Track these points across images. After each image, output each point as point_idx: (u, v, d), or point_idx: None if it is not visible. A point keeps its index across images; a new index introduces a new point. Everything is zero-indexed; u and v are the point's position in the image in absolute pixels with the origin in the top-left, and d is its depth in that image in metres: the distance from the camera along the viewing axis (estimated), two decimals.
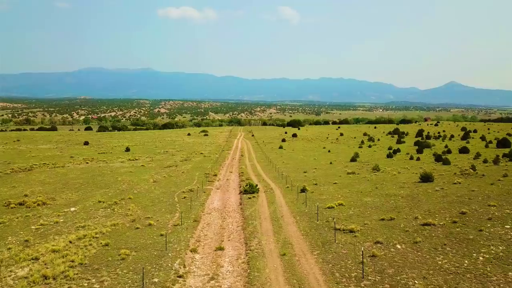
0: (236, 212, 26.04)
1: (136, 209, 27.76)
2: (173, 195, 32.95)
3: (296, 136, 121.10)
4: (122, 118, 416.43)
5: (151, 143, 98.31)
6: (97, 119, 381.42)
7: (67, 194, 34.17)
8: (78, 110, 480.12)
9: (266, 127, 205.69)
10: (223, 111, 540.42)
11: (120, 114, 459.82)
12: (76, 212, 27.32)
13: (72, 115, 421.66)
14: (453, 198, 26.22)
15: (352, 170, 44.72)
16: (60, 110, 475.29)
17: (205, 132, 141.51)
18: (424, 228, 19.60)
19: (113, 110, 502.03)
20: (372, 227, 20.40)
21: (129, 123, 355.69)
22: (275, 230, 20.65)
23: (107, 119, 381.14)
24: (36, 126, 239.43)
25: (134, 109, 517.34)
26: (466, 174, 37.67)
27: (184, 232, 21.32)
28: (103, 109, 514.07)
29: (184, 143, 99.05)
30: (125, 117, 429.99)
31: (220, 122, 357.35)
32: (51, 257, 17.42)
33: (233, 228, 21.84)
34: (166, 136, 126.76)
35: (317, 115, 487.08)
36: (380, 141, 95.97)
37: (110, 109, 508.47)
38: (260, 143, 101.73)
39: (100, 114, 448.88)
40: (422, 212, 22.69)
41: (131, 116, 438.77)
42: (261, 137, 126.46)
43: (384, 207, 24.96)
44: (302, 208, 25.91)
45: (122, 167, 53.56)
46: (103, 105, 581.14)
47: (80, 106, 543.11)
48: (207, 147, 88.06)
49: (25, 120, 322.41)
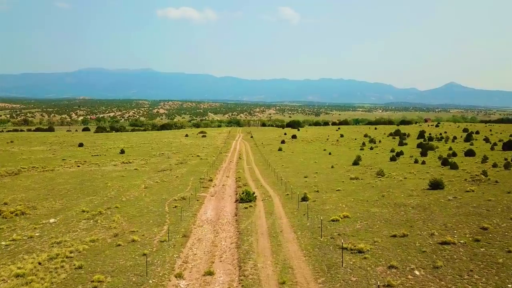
0: (231, 224, 23.62)
1: (122, 220, 25.33)
2: (164, 203, 30.53)
3: (295, 137, 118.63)
4: (121, 118, 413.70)
5: (147, 145, 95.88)
6: (96, 120, 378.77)
7: (50, 202, 31.75)
8: (77, 111, 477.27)
9: (265, 128, 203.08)
10: (222, 112, 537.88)
11: (119, 114, 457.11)
12: (56, 224, 24.88)
13: (71, 116, 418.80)
14: (469, 209, 23.83)
15: (355, 175, 42.32)
16: (59, 110, 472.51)
17: (203, 133, 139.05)
18: (443, 247, 17.18)
19: (112, 110, 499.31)
20: (383, 245, 17.98)
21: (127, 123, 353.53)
22: (273, 249, 18.22)
23: (105, 120, 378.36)
24: (33, 127, 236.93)
25: (133, 110, 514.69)
26: (478, 180, 35.28)
27: (171, 250, 18.89)
28: (102, 109, 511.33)
29: (181, 145, 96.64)
30: (124, 117, 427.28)
31: (219, 122, 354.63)
32: (12, 284, 14.99)
33: (226, 246, 19.42)
34: (163, 138, 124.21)
35: (316, 116, 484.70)
36: (381, 143, 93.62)
37: (109, 110, 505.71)
38: (259, 145, 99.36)
39: (99, 114, 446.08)
40: (438, 227, 20.28)
41: (130, 116, 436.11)
42: (260, 138, 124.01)
43: (394, 220, 22.56)
44: (304, 220, 23.49)
45: (114, 171, 51.13)
46: (102, 105, 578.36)
47: (79, 107, 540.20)
48: (205, 149, 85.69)
49: (23, 121, 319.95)
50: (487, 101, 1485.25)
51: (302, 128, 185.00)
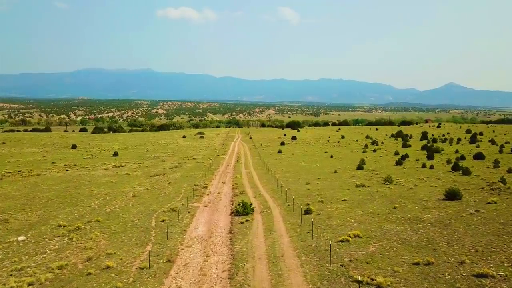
0: (224, 245, 20.54)
1: (100, 238, 22.26)
2: (151, 216, 27.45)
3: (295, 138, 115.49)
4: (119, 119, 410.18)
5: (143, 147, 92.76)
6: (94, 120, 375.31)
7: (26, 214, 28.67)
8: (75, 111, 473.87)
9: (265, 129, 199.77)
10: (222, 112, 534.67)
11: (117, 114, 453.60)
12: (24, 243, 21.79)
13: (69, 116, 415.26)
14: (497, 227, 20.79)
15: (361, 181, 39.24)
16: (57, 110, 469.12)
17: (201, 134, 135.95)
18: (481, 282, 14.13)
19: (110, 110, 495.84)
20: (406, 277, 14.92)
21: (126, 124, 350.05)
22: (273, 282, 15.15)
23: (104, 120, 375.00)
24: (30, 127, 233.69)
25: (132, 110, 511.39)
26: (497, 189, 32.22)
27: (150, 281, 15.81)
28: (101, 109, 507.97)
29: (177, 147, 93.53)
30: (122, 117, 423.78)
31: (218, 123, 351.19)
32: None
33: (217, 275, 16.34)
34: (160, 139, 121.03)
35: (316, 116, 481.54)
36: (384, 145, 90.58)
37: (108, 110, 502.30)
38: (258, 147, 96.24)
39: (97, 114, 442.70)
40: (467, 252, 17.23)
41: (129, 116, 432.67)
42: (259, 139, 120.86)
43: (413, 240, 19.50)
44: (308, 240, 20.42)
45: (104, 176, 48.03)
46: (101, 105, 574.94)
47: (77, 107, 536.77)
48: (201, 151, 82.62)
49: (21, 121, 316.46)
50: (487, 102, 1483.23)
51: (301, 129, 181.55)
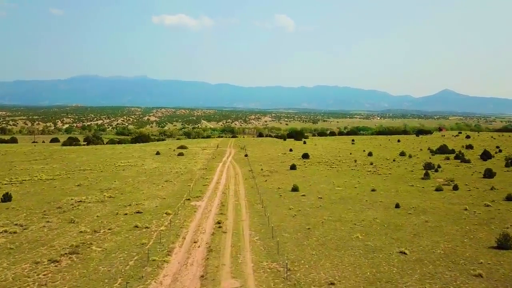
0: None
1: None
2: None
3: (307, 157, 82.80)
4: (108, 126, 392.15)
5: (82, 175, 58.75)
6: (81, 128, 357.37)
7: None
8: (63, 118, 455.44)
9: (263, 140, 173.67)
10: (216, 119, 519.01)
11: (107, 122, 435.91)
12: None
13: (56, 124, 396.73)
14: None
15: None
16: (45, 118, 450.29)
17: (182, 149, 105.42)
18: None
19: (100, 118, 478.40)
20: None
21: (114, 132, 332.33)
22: None
23: (92, 128, 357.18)
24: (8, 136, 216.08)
25: (122, 117, 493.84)
26: None
27: None
28: (91, 117, 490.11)
29: (135, 174, 60.88)
30: (111, 125, 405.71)
31: (212, 130, 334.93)
32: None
33: None
34: (124, 156, 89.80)
35: (314, 123, 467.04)
36: (442, 169, 61.87)
37: (98, 117, 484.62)
38: (256, 173, 61.49)
39: (86, 122, 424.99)
40: None
41: (118, 124, 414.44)
42: (257, 157, 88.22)
43: None
44: None
45: None
46: (92, 112, 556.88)
47: (67, 114, 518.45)
48: (169, 185, 49.85)
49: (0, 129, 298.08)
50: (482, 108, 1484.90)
51: (307, 140, 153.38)
